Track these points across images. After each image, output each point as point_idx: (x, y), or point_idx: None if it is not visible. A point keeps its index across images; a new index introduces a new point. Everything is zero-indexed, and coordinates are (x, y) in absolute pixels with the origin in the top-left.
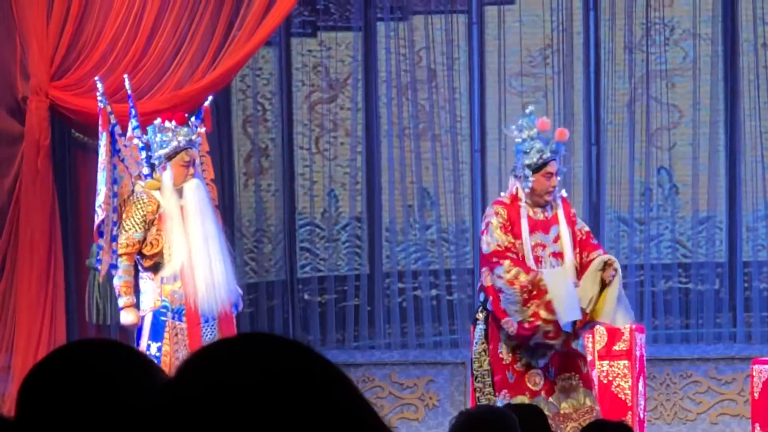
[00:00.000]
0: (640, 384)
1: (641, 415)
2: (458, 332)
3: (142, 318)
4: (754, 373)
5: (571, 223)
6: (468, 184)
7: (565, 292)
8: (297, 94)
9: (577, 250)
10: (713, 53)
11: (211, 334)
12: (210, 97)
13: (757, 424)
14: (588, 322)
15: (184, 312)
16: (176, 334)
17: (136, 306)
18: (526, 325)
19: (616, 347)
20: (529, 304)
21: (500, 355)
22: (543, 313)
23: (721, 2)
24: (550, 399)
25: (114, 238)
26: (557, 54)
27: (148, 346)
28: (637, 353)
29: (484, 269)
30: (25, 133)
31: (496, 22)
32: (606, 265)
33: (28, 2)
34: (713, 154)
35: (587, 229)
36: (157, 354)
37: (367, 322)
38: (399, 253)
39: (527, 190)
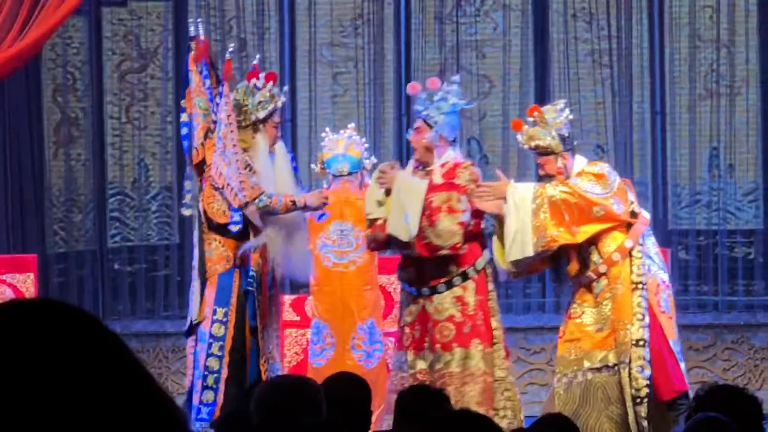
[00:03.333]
0: None
1: None
2: None
3: (205, 283)
4: None
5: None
6: None
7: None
8: (107, 64)
9: None
10: (523, 24)
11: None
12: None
13: None
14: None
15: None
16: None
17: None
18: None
19: None
20: None
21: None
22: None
23: None
24: (416, 357)
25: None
26: (368, 24)
27: (214, 311)
28: None
29: None
30: None
31: None
32: None
33: None
34: None
35: None
36: (224, 319)
37: (177, 292)
38: None
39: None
